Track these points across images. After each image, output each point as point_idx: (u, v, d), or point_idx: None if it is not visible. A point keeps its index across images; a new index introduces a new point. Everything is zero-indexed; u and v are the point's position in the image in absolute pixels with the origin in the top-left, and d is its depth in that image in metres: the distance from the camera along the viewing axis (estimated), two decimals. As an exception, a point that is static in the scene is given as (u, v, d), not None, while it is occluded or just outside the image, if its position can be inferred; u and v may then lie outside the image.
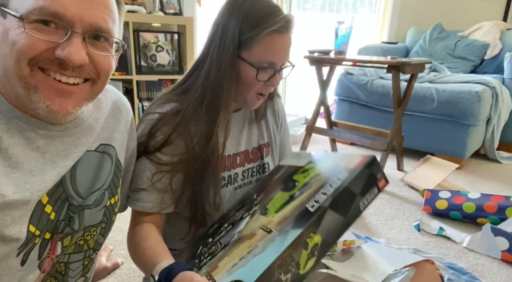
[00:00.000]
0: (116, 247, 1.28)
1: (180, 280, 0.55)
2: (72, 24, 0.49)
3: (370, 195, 0.57)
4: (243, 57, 0.70)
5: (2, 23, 0.50)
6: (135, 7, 2.16)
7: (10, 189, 0.51)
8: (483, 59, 2.75)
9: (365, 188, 0.56)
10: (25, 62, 0.49)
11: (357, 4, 3.28)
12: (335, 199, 0.53)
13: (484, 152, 2.40)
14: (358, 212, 0.55)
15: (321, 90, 2.22)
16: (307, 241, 0.51)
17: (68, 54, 0.49)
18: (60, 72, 0.51)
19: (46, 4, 0.47)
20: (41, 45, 0.48)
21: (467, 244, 1.37)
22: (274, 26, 0.68)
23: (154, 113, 0.74)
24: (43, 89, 0.50)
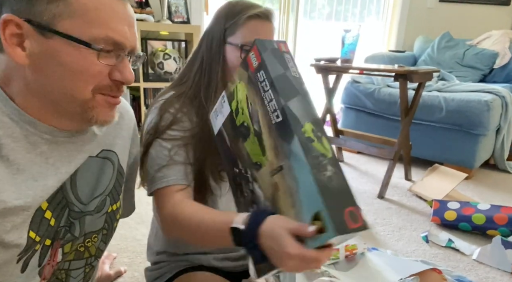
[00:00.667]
0: (120, 255, 1.27)
1: (273, 222, 0.54)
2: (125, 48, 0.54)
3: (290, 63, 0.57)
4: (229, 42, 0.79)
5: (43, 43, 0.49)
6: (144, 16, 2.19)
7: (11, 195, 0.50)
8: (492, 68, 2.72)
9: (280, 63, 0.57)
10: (90, 89, 0.53)
11: (364, 13, 3.28)
12: (279, 93, 0.54)
13: (494, 162, 2.36)
14: (299, 79, 0.57)
15: (327, 98, 2.22)
16: (307, 136, 0.52)
17: (125, 76, 0.54)
18: (115, 94, 0.56)
19: (111, 35, 0.51)
20: (104, 70, 0.53)
21: (476, 257, 1.34)
22: (254, 11, 0.78)
23: (158, 101, 0.79)
24: (101, 107, 0.55)
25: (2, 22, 0.48)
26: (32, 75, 0.51)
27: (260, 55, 0.54)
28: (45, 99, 0.53)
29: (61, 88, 0.51)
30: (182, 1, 2.43)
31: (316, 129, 0.53)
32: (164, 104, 0.77)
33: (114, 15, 0.51)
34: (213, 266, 0.86)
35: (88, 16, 0.49)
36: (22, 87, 0.52)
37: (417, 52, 3.10)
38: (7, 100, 0.52)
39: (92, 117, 0.55)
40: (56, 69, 0.50)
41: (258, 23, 0.78)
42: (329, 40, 3.13)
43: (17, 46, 0.49)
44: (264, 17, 0.79)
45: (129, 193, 0.78)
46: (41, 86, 0.52)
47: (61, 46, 0.49)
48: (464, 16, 3.21)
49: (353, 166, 2.36)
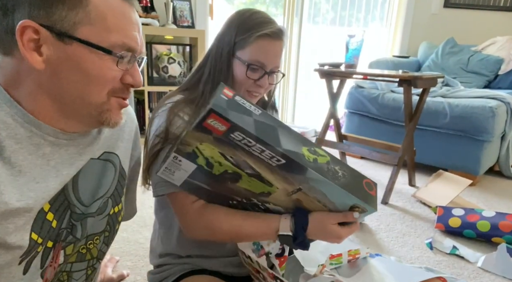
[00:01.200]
0: (123, 258, 1.27)
1: (318, 220, 0.68)
2: (136, 54, 0.56)
3: (246, 104, 0.58)
4: (237, 56, 0.80)
5: (61, 49, 0.50)
6: (149, 20, 2.21)
7: (13, 197, 0.51)
8: (497, 74, 2.71)
9: (244, 112, 0.56)
10: (105, 92, 0.55)
11: (368, 18, 3.29)
12: (269, 144, 0.55)
13: (499, 169, 2.34)
14: (263, 113, 0.58)
15: (331, 103, 2.21)
16: (312, 160, 0.59)
17: (136, 80, 0.57)
18: (127, 96, 0.59)
19: (126, 41, 0.54)
20: (118, 74, 0.55)
21: (481, 264, 1.32)
22: (265, 30, 0.78)
23: (165, 105, 0.79)
24: (115, 109, 0.58)
25: (21, 28, 0.48)
26: (47, 79, 0.52)
27: (225, 120, 0.53)
28: (58, 102, 0.54)
29: (78, 92, 0.53)
30: (187, 6, 2.45)
31: (309, 147, 0.60)
32: (173, 107, 0.77)
33: (128, 22, 0.54)
34: (217, 271, 0.86)
35: (106, 23, 0.51)
36: (34, 91, 0.53)
37: (421, 58, 3.09)
38: (12, 102, 0.52)
39: (105, 119, 0.57)
40: (74, 73, 0.52)
41: (269, 43, 0.79)
42: (333, 45, 3.14)
43: (34, 51, 0.50)
44: (275, 37, 0.79)
45: (131, 195, 0.78)
46: (56, 90, 0.53)
47: (81, 52, 0.51)
48: (469, 22, 3.21)
49: (356, 171, 2.35)
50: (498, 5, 3.17)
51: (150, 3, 2.29)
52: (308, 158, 0.58)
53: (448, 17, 3.22)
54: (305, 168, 0.57)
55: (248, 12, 0.81)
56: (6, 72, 0.53)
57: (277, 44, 0.80)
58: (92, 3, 0.50)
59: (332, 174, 0.60)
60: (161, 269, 0.88)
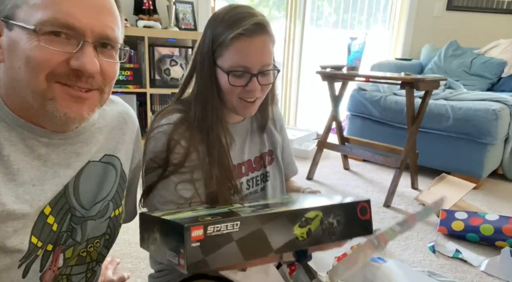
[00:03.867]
0: (123, 260, 1.26)
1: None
2: (84, 34, 0.50)
3: (222, 229, 0.54)
4: (218, 65, 0.73)
5: (7, 36, 0.49)
6: (151, 23, 2.21)
7: (9, 199, 0.50)
8: (500, 77, 2.69)
9: (218, 244, 0.53)
10: (43, 77, 0.49)
11: (371, 21, 3.29)
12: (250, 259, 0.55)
13: (503, 172, 2.32)
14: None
15: (333, 105, 2.21)
16: (302, 234, 0.59)
17: (83, 64, 0.50)
18: (76, 85, 0.52)
19: (58, 16, 0.48)
20: (57, 57, 0.49)
21: (485, 268, 1.31)
22: (239, 29, 0.68)
23: (162, 125, 0.74)
24: (61, 99, 0.51)
25: None
26: (6, 73, 0.51)
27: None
28: (19, 97, 0.52)
29: (22, 80, 0.50)
30: (189, 9, 2.46)
31: (299, 220, 0.59)
32: (173, 133, 0.73)
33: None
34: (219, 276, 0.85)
35: (39, 1, 0.48)
36: (6, 88, 0.53)
37: (423, 60, 3.08)
38: (2, 105, 0.52)
39: (53, 110, 0.51)
40: (17, 60, 0.49)
41: (245, 42, 0.69)
42: (335, 48, 3.14)
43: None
44: (252, 34, 0.69)
45: (131, 197, 0.77)
46: (12, 83, 0.51)
47: (19, 36, 0.48)
48: (472, 24, 3.20)
49: (358, 174, 2.34)
50: (501, 7, 3.15)
51: (152, 6, 2.30)
52: (302, 236, 0.58)
53: (451, 20, 3.21)
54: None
55: (222, 13, 0.72)
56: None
57: (257, 41, 0.70)
58: None
59: (328, 233, 0.61)
60: (162, 273, 0.88)
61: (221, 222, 0.51)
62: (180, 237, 0.49)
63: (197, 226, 0.49)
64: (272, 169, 0.92)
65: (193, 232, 0.49)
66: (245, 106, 0.76)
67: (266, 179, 0.91)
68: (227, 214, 0.56)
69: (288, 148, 1.01)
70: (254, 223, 0.54)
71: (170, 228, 0.53)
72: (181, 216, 0.57)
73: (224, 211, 0.60)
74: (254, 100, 0.76)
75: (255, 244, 0.53)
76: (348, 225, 0.64)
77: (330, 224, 0.62)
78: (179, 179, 0.73)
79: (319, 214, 0.60)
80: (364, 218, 0.66)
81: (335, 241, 0.62)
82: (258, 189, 0.89)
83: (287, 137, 1.01)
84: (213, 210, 0.64)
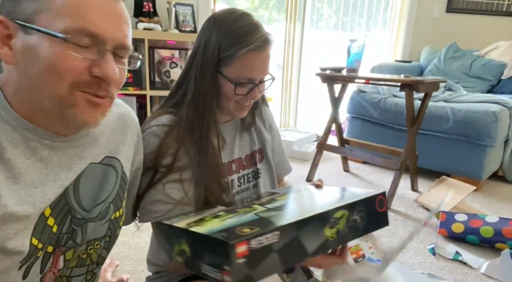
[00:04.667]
0: (122, 263, 1.26)
1: None
2: (105, 43, 0.51)
3: (262, 241, 0.52)
4: (223, 73, 0.76)
5: (24, 40, 0.49)
6: (152, 25, 2.22)
7: (11, 200, 0.51)
8: (500, 79, 2.70)
9: (262, 257, 0.51)
10: (66, 84, 0.50)
11: (370, 23, 3.30)
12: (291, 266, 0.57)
13: (502, 174, 2.32)
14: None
15: (333, 107, 2.21)
16: (332, 235, 0.60)
17: (105, 71, 0.51)
18: (96, 92, 0.53)
19: (85, 25, 0.49)
20: (81, 64, 0.50)
21: (485, 270, 1.31)
22: (250, 45, 0.72)
23: (151, 127, 0.77)
24: (80, 106, 0.52)
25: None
26: (18, 76, 0.51)
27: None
28: (32, 100, 0.52)
29: (40, 85, 0.50)
30: (189, 11, 2.46)
31: (330, 222, 0.60)
32: (161, 134, 0.75)
33: (93, 7, 0.50)
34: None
35: (63, 8, 0.48)
36: (16, 90, 0.52)
37: (423, 62, 3.09)
38: (7, 106, 0.52)
39: (71, 115, 0.52)
40: (35, 65, 0.49)
41: (254, 57, 0.74)
42: (335, 50, 3.14)
43: (6, 46, 0.50)
44: (262, 49, 0.74)
45: (132, 199, 0.77)
46: (26, 86, 0.51)
47: (39, 41, 0.48)
48: (471, 26, 3.21)
49: (358, 176, 2.34)
50: (501, 10, 3.16)
51: (152, 8, 2.30)
52: (332, 236, 0.59)
53: (451, 22, 3.21)
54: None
55: (228, 19, 0.74)
56: (3, 74, 0.54)
57: (264, 55, 0.75)
58: None
59: (354, 229, 0.62)
60: (159, 275, 0.88)
61: (262, 234, 0.49)
62: (223, 254, 0.47)
63: (241, 242, 0.47)
64: (262, 167, 0.94)
65: (238, 249, 0.47)
66: (241, 109, 0.82)
67: (258, 176, 0.93)
68: (260, 222, 0.54)
69: (278, 146, 1.02)
70: (291, 230, 0.53)
71: (206, 243, 0.52)
72: (210, 226, 0.56)
73: (251, 217, 0.59)
74: (249, 104, 0.82)
75: (293, 251, 0.53)
76: (369, 219, 0.65)
77: (354, 221, 0.63)
78: (167, 178, 0.75)
79: (345, 213, 0.61)
80: (381, 211, 0.68)
81: (358, 236, 0.63)
82: (250, 186, 0.91)
83: (277, 136, 1.02)
84: (235, 214, 0.63)
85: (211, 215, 0.66)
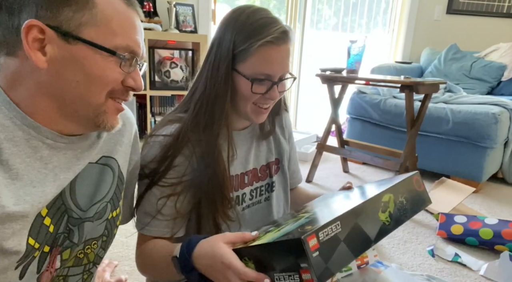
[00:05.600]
0: (121, 263, 1.26)
1: (209, 241, 0.59)
2: (138, 58, 0.58)
3: (329, 232, 0.52)
4: (238, 70, 0.69)
5: (64, 48, 0.51)
6: (152, 25, 2.22)
7: (10, 200, 0.50)
8: (500, 81, 2.70)
9: (331, 247, 0.51)
10: (105, 93, 0.55)
11: (371, 24, 3.30)
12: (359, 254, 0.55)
13: (502, 176, 2.32)
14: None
15: (333, 108, 2.21)
16: (386, 219, 0.59)
17: (138, 83, 0.58)
18: (125, 99, 0.60)
19: (130, 44, 0.55)
20: (120, 77, 0.56)
21: (484, 272, 1.30)
22: (268, 37, 0.66)
23: (158, 135, 0.73)
24: (110, 112, 0.58)
25: (26, 27, 0.49)
26: (49, 79, 0.52)
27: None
28: (58, 103, 0.54)
29: (78, 92, 0.53)
30: (190, 11, 2.46)
31: (382, 206, 0.60)
32: (169, 149, 0.71)
33: (132, 26, 0.55)
34: None
35: (111, 26, 0.53)
36: (33, 91, 0.53)
37: (423, 64, 3.09)
38: (11, 104, 0.52)
39: (102, 122, 0.57)
40: (77, 73, 0.52)
41: (272, 50, 0.67)
42: (335, 51, 3.14)
43: (38, 50, 0.50)
44: (280, 42, 0.68)
45: (129, 199, 0.77)
46: (56, 90, 0.53)
47: (85, 53, 0.52)
48: (472, 28, 3.21)
49: (358, 177, 2.34)
50: (501, 11, 3.17)
51: (153, 8, 2.30)
52: (387, 220, 0.59)
53: (451, 24, 3.22)
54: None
55: (244, 13, 0.69)
56: (7, 73, 0.53)
57: (283, 49, 0.69)
58: (98, 6, 0.52)
59: (403, 211, 0.63)
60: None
61: (326, 226, 0.49)
62: (297, 252, 0.47)
63: (310, 235, 0.47)
64: (277, 179, 0.89)
65: (310, 242, 0.47)
66: (259, 112, 0.75)
67: (272, 189, 0.87)
68: (316, 220, 0.54)
69: (294, 155, 0.98)
70: (350, 218, 0.53)
71: (274, 250, 0.51)
72: (270, 236, 0.55)
73: (304, 221, 0.58)
74: (268, 106, 0.75)
75: (358, 239, 0.53)
76: (413, 200, 0.66)
77: (401, 203, 0.63)
78: (161, 193, 0.72)
79: (391, 196, 0.62)
80: (420, 190, 0.70)
81: (409, 218, 0.63)
82: (261, 199, 0.86)
83: (294, 145, 0.98)
84: (285, 224, 0.62)
85: (262, 232, 0.64)
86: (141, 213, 0.76)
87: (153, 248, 0.73)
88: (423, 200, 0.71)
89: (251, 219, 0.83)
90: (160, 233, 0.74)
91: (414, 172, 0.71)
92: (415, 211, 0.67)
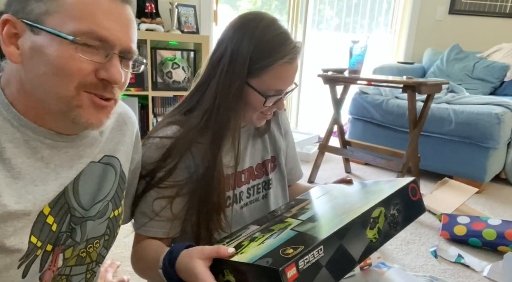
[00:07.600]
0: (123, 264, 1.26)
1: (187, 256, 0.57)
2: (113, 47, 0.52)
3: (310, 259, 0.51)
4: (252, 85, 0.71)
5: (31, 40, 0.50)
6: (154, 26, 2.22)
7: (11, 199, 0.50)
8: (502, 81, 2.69)
9: (311, 275, 0.50)
10: (74, 85, 0.51)
11: (373, 25, 3.29)
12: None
13: (505, 176, 2.31)
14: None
15: (335, 109, 2.21)
16: (374, 236, 0.58)
17: (112, 74, 0.52)
18: (102, 94, 0.54)
19: (95, 29, 0.50)
20: (88, 67, 0.51)
21: (487, 273, 1.30)
22: (285, 58, 0.70)
23: (155, 137, 0.74)
24: (86, 107, 0.53)
25: (1, 22, 0.49)
26: (24, 75, 0.51)
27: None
28: (36, 99, 0.52)
29: (46, 85, 0.51)
30: (191, 12, 2.47)
31: (370, 223, 0.58)
32: (167, 151, 0.72)
33: (102, 11, 0.50)
34: None
35: (73, 11, 0.49)
36: (19, 89, 0.53)
37: (426, 64, 3.08)
38: (8, 105, 0.53)
39: (76, 116, 0.53)
40: (42, 65, 0.50)
41: (287, 69, 0.71)
42: (337, 51, 3.14)
43: (13, 45, 0.50)
44: (294, 60, 0.72)
45: (130, 198, 0.77)
46: (31, 85, 0.52)
47: (47, 42, 0.49)
48: (474, 28, 3.20)
49: (360, 178, 2.33)
50: (504, 11, 3.16)
51: (155, 9, 2.31)
52: (374, 237, 0.58)
53: (453, 24, 3.21)
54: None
55: (259, 28, 0.69)
56: (4, 74, 0.54)
57: (296, 65, 0.73)
58: None
59: (393, 224, 0.61)
60: None
61: (308, 252, 0.48)
62: (275, 280, 0.46)
63: (289, 265, 0.46)
64: (274, 176, 0.90)
65: (288, 273, 0.46)
66: (263, 119, 0.79)
67: (269, 187, 0.88)
68: (301, 238, 0.53)
69: (293, 152, 0.98)
70: (334, 241, 0.52)
71: (253, 271, 0.51)
72: (251, 252, 0.54)
73: (288, 234, 0.57)
74: (272, 113, 0.79)
75: (341, 262, 0.52)
76: (406, 210, 0.64)
77: (392, 216, 0.61)
78: (158, 194, 0.73)
79: (382, 210, 0.60)
80: (415, 199, 0.67)
81: (399, 231, 0.62)
82: (259, 197, 0.87)
83: (292, 142, 0.98)
84: (271, 233, 0.61)
85: (247, 238, 0.63)
86: (138, 213, 0.76)
87: (145, 249, 0.73)
88: (417, 209, 0.68)
89: (250, 217, 0.84)
90: (156, 234, 0.75)
91: (411, 179, 0.68)
92: (406, 222, 0.64)
